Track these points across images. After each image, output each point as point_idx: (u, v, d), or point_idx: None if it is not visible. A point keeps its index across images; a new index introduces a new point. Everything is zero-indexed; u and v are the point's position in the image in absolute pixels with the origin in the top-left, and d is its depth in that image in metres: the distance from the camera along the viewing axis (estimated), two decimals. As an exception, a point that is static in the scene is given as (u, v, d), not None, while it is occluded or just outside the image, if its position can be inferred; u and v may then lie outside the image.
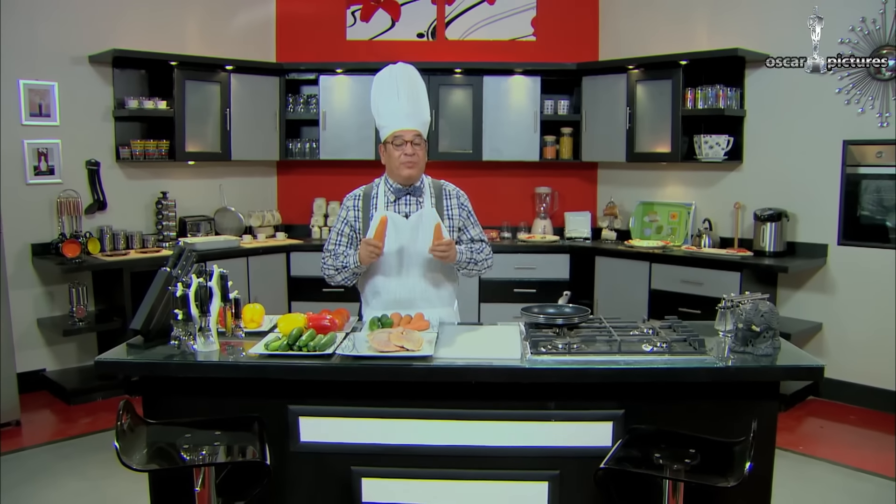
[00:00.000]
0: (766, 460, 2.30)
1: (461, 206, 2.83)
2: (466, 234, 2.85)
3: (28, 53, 4.64)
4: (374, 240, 2.62)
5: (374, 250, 2.62)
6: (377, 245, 2.61)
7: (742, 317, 2.34)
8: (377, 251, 2.63)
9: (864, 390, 4.55)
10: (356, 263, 2.70)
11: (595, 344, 2.40)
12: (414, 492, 2.36)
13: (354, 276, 2.79)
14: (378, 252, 2.63)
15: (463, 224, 2.84)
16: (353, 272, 2.75)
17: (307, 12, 5.83)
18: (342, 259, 2.75)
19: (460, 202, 2.84)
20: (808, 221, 4.73)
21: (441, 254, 2.62)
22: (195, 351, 2.34)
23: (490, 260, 2.85)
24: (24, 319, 4.69)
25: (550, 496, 2.33)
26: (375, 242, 2.61)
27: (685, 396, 2.31)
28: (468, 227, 2.85)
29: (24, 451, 3.92)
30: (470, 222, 2.86)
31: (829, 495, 3.40)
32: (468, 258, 2.76)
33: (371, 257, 2.65)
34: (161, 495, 2.38)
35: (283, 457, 2.33)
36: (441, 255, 2.63)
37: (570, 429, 2.31)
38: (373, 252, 2.62)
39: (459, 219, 2.83)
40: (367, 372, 2.25)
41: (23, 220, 4.63)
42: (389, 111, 2.72)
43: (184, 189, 5.41)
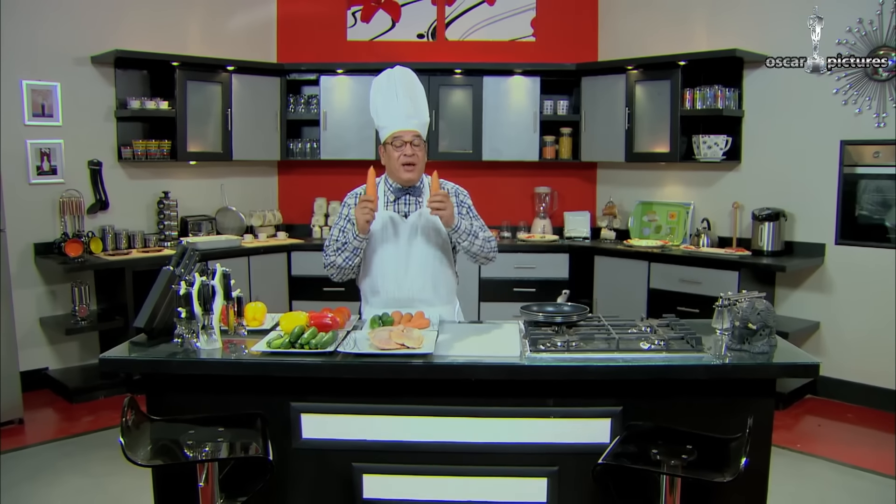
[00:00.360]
0: (763, 456, 2.33)
1: (461, 202, 2.84)
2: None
3: (30, 54, 4.68)
4: (367, 195, 2.61)
5: (367, 205, 2.59)
6: (370, 199, 2.60)
7: (739, 315, 2.37)
8: (371, 205, 2.60)
9: (862, 389, 4.59)
10: (355, 234, 2.68)
11: (593, 342, 2.43)
12: (414, 488, 2.39)
13: (356, 252, 2.74)
14: (373, 206, 2.60)
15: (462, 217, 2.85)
16: (353, 247, 2.71)
17: (308, 13, 5.87)
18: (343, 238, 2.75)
19: (459, 199, 2.85)
20: (805, 221, 4.77)
21: (438, 204, 2.58)
22: (198, 349, 2.36)
23: (493, 243, 2.82)
24: (26, 318, 4.72)
25: (549, 492, 2.36)
26: (368, 197, 2.60)
27: (683, 393, 2.33)
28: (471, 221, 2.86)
29: (27, 448, 3.96)
30: (471, 216, 2.86)
31: (826, 493, 3.44)
32: (468, 229, 2.72)
33: (366, 215, 2.61)
34: (164, 492, 2.41)
35: (285, 453, 2.36)
36: (438, 208, 2.59)
37: (568, 425, 2.34)
38: (366, 207, 2.59)
39: (459, 215, 2.84)
40: (368, 369, 2.27)
41: (25, 219, 4.67)
42: (388, 112, 2.73)
43: (185, 189, 5.45)
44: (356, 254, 2.74)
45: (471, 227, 2.74)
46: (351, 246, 2.72)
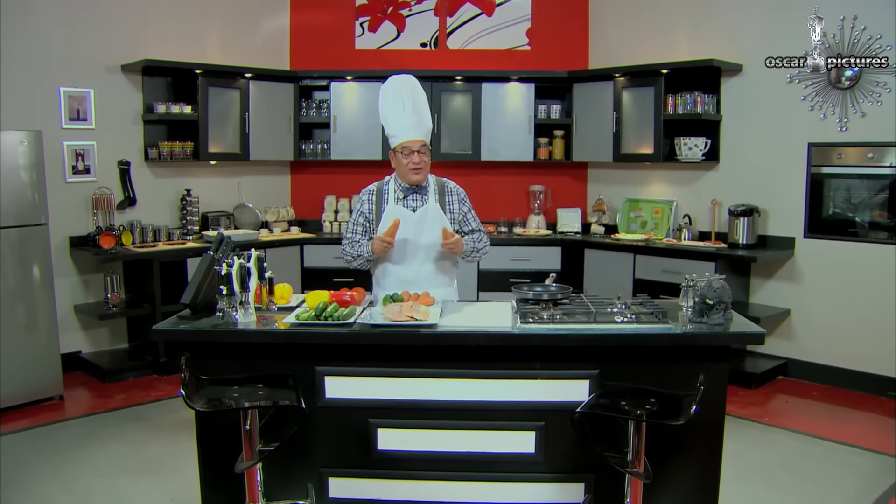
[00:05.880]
0: (718, 410, 2.70)
1: (461, 201, 3.26)
2: (467, 225, 3.28)
3: (67, 63, 5.07)
4: (386, 237, 3.06)
5: (386, 246, 3.07)
6: (389, 242, 3.07)
7: (698, 292, 2.77)
8: (388, 246, 3.08)
9: (828, 370, 4.97)
10: (369, 253, 3.14)
11: (575, 315, 2.79)
12: (422, 440, 2.76)
13: (368, 263, 3.23)
14: (389, 247, 3.09)
15: (463, 217, 3.26)
16: (366, 260, 3.20)
17: (319, 23, 6.21)
18: (357, 248, 3.19)
19: (460, 198, 3.26)
20: (777, 216, 5.15)
21: (451, 248, 3.09)
22: (237, 320, 2.74)
23: (488, 247, 3.30)
24: (62, 306, 5.09)
25: (537, 443, 2.74)
26: (388, 239, 3.06)
27: (650, 359, 2.69)
28: (468, 220, 3.28)
29: (70, 420, 4.36)
30: (469, 216, 3.28)
31: (786, 457, 3.83)
32: (471, 248, 3.23)
33: (383, 251, 3.10)
34: (206, 445, 2.78)
35: (311, 411, 2.70)
36: (451, 250, 3.11)
37: (553, 386, 2.71)
38: (385, 247, 3.08)
39: (460, 212, 3.25)
40: (382, 338, 2.64)
41: (62, 215, 5.05)
42: (397, 123, 3.11)
43: (206, 187, 5.82)
44: (369, 263, 3.24)
45: (473, 244, 3.23)
46: (364, 258, 3.19)
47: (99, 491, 3.43)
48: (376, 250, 3.09)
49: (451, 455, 2.76)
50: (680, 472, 2.74)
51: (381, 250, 3.09)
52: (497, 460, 2.77)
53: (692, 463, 2.74)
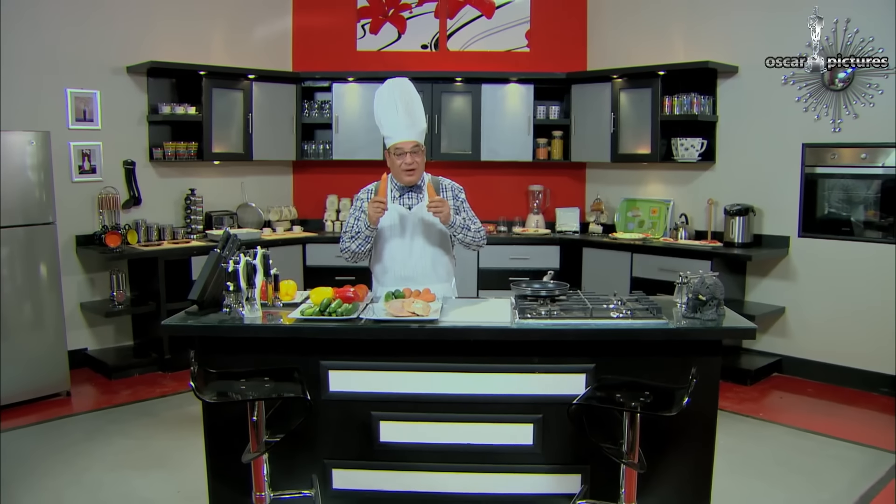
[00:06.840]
0: (710, 403, 2.77)
1: (455, 196, 3.29)
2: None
3: (74, 65, 5.15)
4: (379, 197, 3.06)
5: (379, 206, 3.05)
6: (381, 201, 3.05)
7: (692, 289, 2.85)
8: (382, 206, 3.06)
9: (822, 367, 5.05)
10: (367, 224, 3.14)
11: (572, 311, 2.85)
12: (423, 432, 2.83)
13: (367, 240, 3.19)
14: (383, 207, 3.05)
15: (457, 209, 3.26)
16: (365, 235, 3.17)
17: (321, 25, 6.28)
18: (354, 230, 3.21)
19: (454, 193, 3.29)
20: (772, 216, 5.22)
21: (436, 208, 3.04)
22: (243, 316, 2.81)
23: (482, 232, 3.27)
24: (68, 303, 5.14)
25: (535, 435, 2.81)
26: (380, 198, 3.05)
27: (645, 353, 2.76)
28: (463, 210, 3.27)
29: (78, 415, 4.44)
30: (463, 208, 3.28)
31: (778, 450, 3.91)
32: (462, 223, 3.17)
33: (377, 212, 3.06)
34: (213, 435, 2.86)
35: (315, 404, 2.77)
36: (436, 210, 3.05)
37: (550, 380, 2.77)
38: (378, 207, 3.04)
39: (453, 207, 3.26)
40: (384, 332, 2.71)
41: (69, 214, 5.13)
42: (390, 124, 3.16)
43: (210, 186, 5.90)
44: (367, 241, 3.21)
45: (464, 222, 3.19)
46: (363, 235, 3.19)
47: (107, 483, 3.51)
48: (371, 214, 3.07)
49: (451, 447, 2.83)
50: (674, 464, 2.81)
51: (375, 213, 3.06)
52: (496, 452, 2.84)
53: (686, 454, 2.81)
